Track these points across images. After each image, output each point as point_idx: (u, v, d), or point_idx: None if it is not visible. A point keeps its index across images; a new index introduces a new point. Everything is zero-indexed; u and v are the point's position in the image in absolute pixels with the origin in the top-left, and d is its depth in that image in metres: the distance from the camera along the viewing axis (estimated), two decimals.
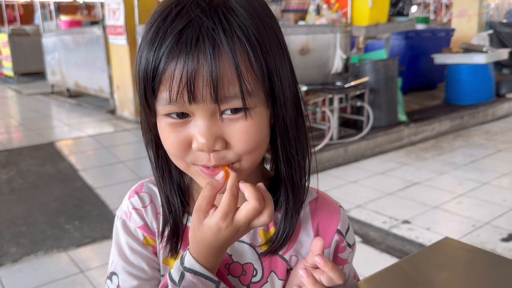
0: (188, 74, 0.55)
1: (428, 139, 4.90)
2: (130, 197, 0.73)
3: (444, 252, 0.68)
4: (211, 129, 0.59)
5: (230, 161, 0.61)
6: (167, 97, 0.58)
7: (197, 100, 0.57)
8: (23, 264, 2.59)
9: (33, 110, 6.82)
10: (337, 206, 0.76)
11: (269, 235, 0.70)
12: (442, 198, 3.34)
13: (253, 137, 0.60)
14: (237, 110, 0.59)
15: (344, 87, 4.37)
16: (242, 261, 0.70)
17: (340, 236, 0.73)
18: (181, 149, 0.61)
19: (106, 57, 6.05)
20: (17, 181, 3.74)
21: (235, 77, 0.56)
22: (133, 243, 0.70)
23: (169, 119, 0.60)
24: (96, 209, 3.23)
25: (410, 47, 6.30)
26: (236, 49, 0.56)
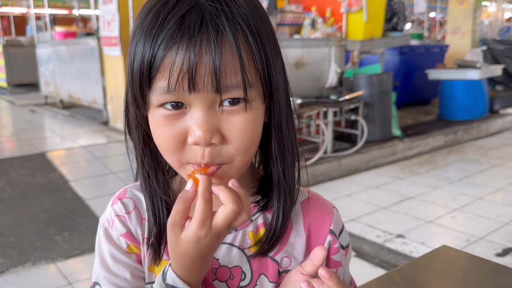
0: (190, 61, 0.53)
1: (422, 154, 4.90)
2: (113, 204, 0.70)
3: (442, 260, 0.66)
4: (209, 121, 0.56)
5: (223, 159, 0.58)
6: (165, 85, 0.55)
7: (198, 88, 0.54)
8: (10, 275, 2.53)
9: (25, 121, 6.77)
10: (330, 207, 0.73)
11: (258, 237, 0.67)
12: (436, 213, 3.32)
13: (249, 133, 0.58)
14: (236, 101, 0.56)
15: (338, 101, 4.37)
16: (230, 264, 0.67)
17: (333, 237, 0.70)
18: (176, 144, 0.58)
19: (100, 68, 6.04)
20: (6, 191, 3.69)
21: (237, 66, 0.55)
22: (116, 252, 0.66)
23: (164, 110, 0.57)
24: (86, 221, 3.18)
25: (405, 63, 6.35)
26: (238, 37, 0.55)
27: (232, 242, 0.67)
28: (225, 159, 0.58)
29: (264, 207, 0.68)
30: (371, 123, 4.55)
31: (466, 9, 7.76)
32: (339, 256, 0.71)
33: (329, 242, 0.70)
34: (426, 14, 12.34)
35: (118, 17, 5.28)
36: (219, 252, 0.67)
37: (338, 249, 0.71)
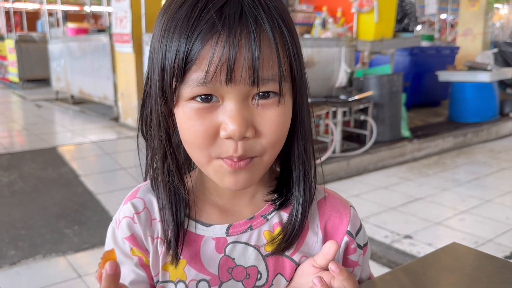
0: (230, 52, 0.52)
1: (431, 155, 4.89)
2: (124, 204, 0.69)
3: (452, 256, 0.67)
4: (243, 114, 0.55)
5: (256, 152, 0.58)
6: (200, 77, 0.54)
7: (235, 80, 0.54)
8: (21, 267, 2.57)
9: (36, 116, 6.84)
10: (347, 206, 0.72)
11: (274, 236, 0.67)
12: (444, 214, 3.31)
13: (281, 127, 0.58)
14: (267, 95, 0.56)
15: (348, 101, 4.37)
16: (245, 264, 0.67)
17: (350, 238, 0.69)
18: (207, 138, 0.57)
19: (112, 65, 6.08)
20: (18, 185, 3.74)
21: (275, 59, 0.55)
22: (120, 254, 0.66)
23: (195, 103, 0.56)
24: (96, 215, 3.21)
25: (415, 64, 6.33)
26: (275, 31, 0.55)
27: (247, 241, 0.66)
28: (257, 152, 0.58)
29: (280, 206, 0.68)
30: (380, 123, 4.55)
31: (478, 11, 7.71)
32: (356, 256, 0.71)
33: (346, 243, 0.69)
34: (437, 15, 12.27)
35: (130, 14, 5.32)
36: (235, 252, 0.66)
37: (355, 249, 0.70)
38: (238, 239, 0.66)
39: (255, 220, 0.67)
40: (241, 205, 0.68)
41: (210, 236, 0.66)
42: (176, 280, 0.66)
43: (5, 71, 10.72)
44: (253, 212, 0.68)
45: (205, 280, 0.66)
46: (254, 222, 0.67)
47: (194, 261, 0.66)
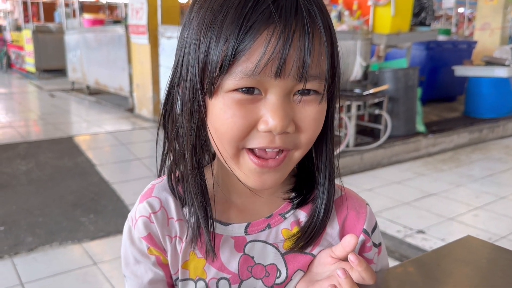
0: (284, 44, 0.51)
1: (446, 151, 4.85)
2: (140, 203, 0.67)
3: (467, 249, 0.67)
4: (285, 109, 0.55)
5: (295, 146, 0.58)
6: (250, 68, 0.52)
7: (284, 74, 0.53)
8: (38, 253, 2.63)
9: (53, 106, 6.93)
10: (363, 204, 0.72)
11: (292, 234, 0.67)
12: (458, 210, 3.30)
13: (319, 124, 0.58)
14: (308, 92, 0.56)
15: (362, 95, 4.35)
16: (265, 262, 0.67)
17: (366, 236, 0.69)
18: (244, 130, 0.56)
19: (127, 56, 6.13)
20: (35, 173, 3.80)
21: (324, 57, 0.54)
22: (137, 254, 0.66)
23: (238, 94, 0.55)
24: (112, 204, 3.26)
25: (431, 58, 6.26)
26: (326, 28, 0.55)
27: (266, 239, 0.66)
28: (293, 146, 0.58)
29: (298, 204, 0.68)
30: (395, 118, 4.52)
31: (496, 5, 7.58)
32: (371, 254, 0.71)
33: (362, 241, 0.69)
34: (454, 9, 12.09)
35: (146, 5, 5.34)
36: (254, 250, 0.66)
37: (370, 247, 0.70)
38: (256, 238, 0.66)
39: (273, 218, 0.67)
40: (259, 203, 0.67)
41: (229, 235, 0.66)
42: (196, 278, 0.67)
43: (22, 61, 10.86)
44: (271, 210, 0.68)
45: (225, 279, 0.66)
46: (272, 220, 0.67)
47: (214, 260, 0.66)
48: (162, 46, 5.15)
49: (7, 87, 9.00)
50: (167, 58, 5.03)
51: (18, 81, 9.83)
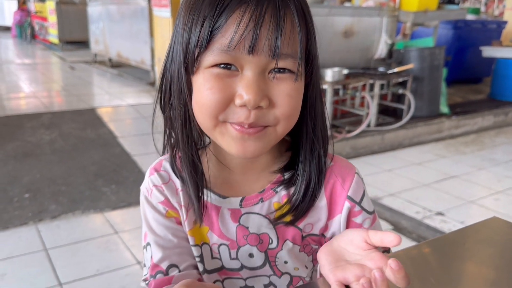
0: (256, 22, 0.56)
1: (469, 133, 4.77)
2: (151, 175, 0.75)
3: (492, 230, 0.67)
4: (260, 84, 0.59)
5: (268, 122, 0.62)
6: (224, 44, 0.58)
7: (257, 50, 0.57)
8: (61, 221, 2.70)
9: (75, 77, 7.00)
10: (351, 172, 0.74)
11: (281, 206, 0.72)
12: (479, 194, 3.26)
13: (295, 101, 0.62)
14: (282, 70, 0.60)
15: (386, 73, 4.28)
16: (258, 231, 0.73)
17: (352, 202, 0.72)
18: (222, 103, 0.60)
19: (150, 29, 6.12)
20: (58, 143, 3.88)
21: (296, 36, 0.58)
22: (158, 216, 0.73)
23: (216, 69, 0.60)
24: (133, 175, 3.32)
25: (458, 37, 6.09)
26: (298, 10, 0.59)
27: (259, 212, 0.72)
28: (269, 122, 0.62)
29: (288, 180, 0.72)
30: (418, 98, 4.45)
31: None
32: (361, 218, 0.73)
33: (347, 208, 0.72)
34: None
35: None
36: (249, 221, 0.72)
37: (359, 211, 0.73)
38: (250, 210, 0.72)
39: (265, 193, 0.73)
40: (253, 180, 0.73)
41: (226, 207, 0.73)
42: (201, 243, 0.74)
43: (46, 33, 10.96)
44: (263, 185, 0.73)
45: (225, 245, 0.73)
46: (264, 194, 0.73)
47: (214, 228, 0.73)
48: None
49: (31, 58, 9.12)
50: None
51: (42, 52, 9.94)
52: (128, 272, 2.23)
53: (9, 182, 3.10)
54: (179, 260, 0.72)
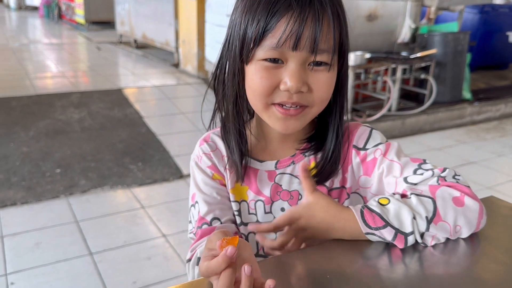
0: (300, 25, 0.71)
1: (491, 119, 4.74)
2: (201, 145, 0.92)
3: (487, 207, 0.74)
4: (301, 74, 0.74)
5: (306, 103, 0.77)
6: (274, 42, 0.72)
7: (299, 47, 0.72)
8: (91, 195, 2.85)
9: (102, 57, 7.15)
10: (357, 127, 0.88)
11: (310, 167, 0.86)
12: (497, 180, 3.28)
13: (328, 88, 0.77)
14: (320, 63, 0.75)
15: (409, 58, 4.28)
16: (289, 188, 0.88)
17: (356, 150, 0.86)
18: (269, 88, 0.76)
19: (174, 11, 6.19)
20: (87, 121, 4.03)
21: (331, 36, 0.73)
22: (205, 177, 0.90)
23: (266, 62, 0.75)
24: (158, 154, 3.45)
25: (484, 22, 5.99)
26: (334, 14, 0.73)
27: (291, 172, 0.88)
28: (308, 103, 0.77)
29: (315, 147, 0.87)
30: (441, 83, 4.44)
31: None
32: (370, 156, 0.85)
33: (355, 156, 0.86)
34: None
35: None
36: (282, 180, 0.88)
37: (365, 154, 0.85)
38: (284, 171, 0.88)
39: (296, 156, 0.88)
40: (286, 147, 0.89)
41: (263, 169, 0.89)
42: (240, 200, 0.90)
43: (72, 13, 11.13)
44: (294, 151, 0.89)
45: (261, 200, 0.89)
46: (295, 158, 0.88)
47: (252, 187, 0.89)
48: (208, 2, 5.17)
49: (58, 38, 9.31)
50: (213, 15, 5.06)
51: (68, 32, 10.13)
52: (154, 244, 2.37)
53: (42, 158, 3.27)
54: (221, 214, 0.88)
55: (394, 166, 0.81)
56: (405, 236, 0.68)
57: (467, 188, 0.74)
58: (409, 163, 0.81)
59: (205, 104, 0.91)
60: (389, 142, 0.85)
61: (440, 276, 0.62)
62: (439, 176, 0.76)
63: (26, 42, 8.48)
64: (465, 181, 0.76)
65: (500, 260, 0.66)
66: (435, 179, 0.76)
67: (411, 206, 0.70)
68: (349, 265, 0.65)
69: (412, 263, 0.65)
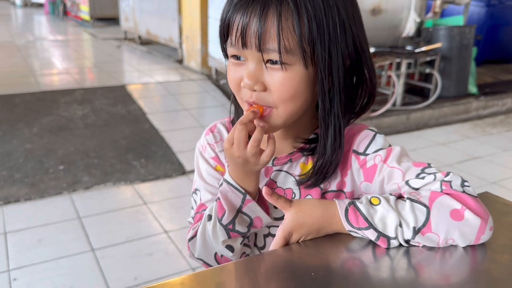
0: (243, 24, 0.71)
1: (497, 114, 4.70)
2: (206, 135, 0.93)
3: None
4: (255, 72, 0.73)
5: (267, 103, 0.75)
6: (230, 40, 0.74)
7: (247, 46, 0.72)
8: (94, 191, 2.86)
9: (106, 54, 7.16)
10: (361, 130, 0.84)
11: (307, 167, 0.85)
12: (501, 175, 3.25)
13: (286, 88, 0.73)
14: (275, 62, 0.72)
15: (414, 52, 4.25)
16: (284, 186, 0.87)
17: (355, 155, 0.82)
18: (236, 85, 0.78)
19: (178, 7, 6.18)
20: (91, 118, 4.04)
21: (275, 34, 0.69)
22: (208, 167, 0.92)
23: (232, 59, 0.77)
24: (161, 150, 3.45)
25: (491, 16, 5.93)
26: (282, 13, 0.69)
27: (287, 170, 0.87)
28: (269, 103, 0.75)
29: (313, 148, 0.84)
30: (446, 78, 4.40)
31: None
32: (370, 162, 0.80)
33: (354, 161, 0.82)
34: None
35: None
36: (278, 177, 0.87)
37: (365, 159, 0.81)
38: (280, 168, 0.87)
39: (294, 154, 0.86)
40: (285, 144, 0.87)
41: None
42: None
43: (77, 9, 11.15)
44: (293, 149, 0.87)
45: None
46: (293, 156, 0.86)
47: None
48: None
49: (63, 35, 9.34)
50: (216, 10, 5.04)
51: (73, 29, 10.15)
52: (156, 240, 2.37)
53: (45, 154, 3.28)
54: None
55: (394, 173, 0.77)
56: (388, 239, 0.67)
57: (473, 200, 0.68)
58: (412, 168, 0.76)
59: (208, 101, 0.94)
60: (391, 147, 0.81)
61: (428, 271, 0.61)
62: (443, 181, 0.71)
63: (31, 39, 8.51)
64: (473, 191, 0.70)
65: (492, 257, 0.65)
66: (438, 184, 0.71)
67: (401, 212, 0.67)
68: (335, 261, 0.64)
69: (399, 259, 0.64)
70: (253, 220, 0.79)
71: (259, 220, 0.80)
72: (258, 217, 0.79)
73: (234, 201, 0.78)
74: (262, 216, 0.79)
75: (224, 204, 0.78)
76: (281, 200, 0.72)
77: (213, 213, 0.81)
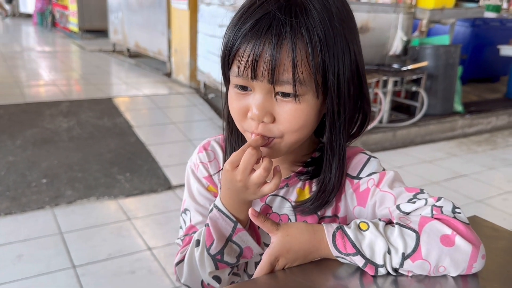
0: (254, 55, 0.67)
1: (482, 132, 4.75)
2: (199, 152, 0.89)
3: None
4: (265, 104, 0.70)
5: (273, 134, 0.72)
6: (236, 70, 0.70)
7: (257, 77, 0.68)
8: (77, 206, 2.80)
9: (94, 66, 7.12)
10: (356, 154, 0.83)
11: (303, 193, 0.83)
12: (487, 193, 3.27)
13: (297, 120, 0.71)
14: (288, 94, 0.69)
15: (400, 70, 4.29)
16: (280, 212, 0.84)
17: (350, 179, 0.81)
18: (240, 115, 0.74)
19: (167, 21, 6.19)
20: (76, 131, 3.98)
21: (290, 66, 0.66)
22: (200, 187, 0.88)
23: (236, 89, 0.73)
24: (147, 164, 3.41)
25: (476, 36, 6.04)
26: (297, 44, 0.66)
27: (284, 195, 0.84)
28: (275, 135, 0.72)
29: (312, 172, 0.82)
30: (432, 96, 4.44)
31: None
32: (363, 186, 0.79)
33: (348, 185, 0.81)
34: None
35: None
36: (273, 202, 0.85)
37: (357, 184, 0.80)
38: (277, 193, 0.84)
39: (291, 179, 0.83)
40: (282, 168, 0.80)
41: None
42: None
43: (66, 21, 11.11)
44: (291, 173, 0.84)
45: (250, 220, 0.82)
46: (290, 181, 0.83)
47: None
48: (201, 12, 5.17)
49: (51, 46, 9.27)
50: (205, 25, 5.06)
51: (62, 40, 10.10)
52: (139, 258, 2.32)
53: (28, 167, 3.22)
54: None
55: (386, 197, 0.75)
56: (376, 267, 0.65)
57: (463, 226, 0.66)
58: (404, 193, 0.75)
59: (196, 115, 0.91)
60: (385, 172, 0.79)
61: None
62: (434, 206, 0.70)
63: (18, 49, 8.44)
64: (464, 218, 0.68)
65: (483, 286, 0.63)
66: (428, 209, 0.69)
67: (389, 238, 0.65)
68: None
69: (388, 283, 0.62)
70: (243, 250, 0.76)
71: (250, 251, 0.77)
72: (249, 247, 0.77)
73: (224, 229, 0.75)
74: (253, 247, 0.77)
75: (213, 232, 0.75)
76: (267, 223, 0.70)
77: (201, 239, 0.78)
